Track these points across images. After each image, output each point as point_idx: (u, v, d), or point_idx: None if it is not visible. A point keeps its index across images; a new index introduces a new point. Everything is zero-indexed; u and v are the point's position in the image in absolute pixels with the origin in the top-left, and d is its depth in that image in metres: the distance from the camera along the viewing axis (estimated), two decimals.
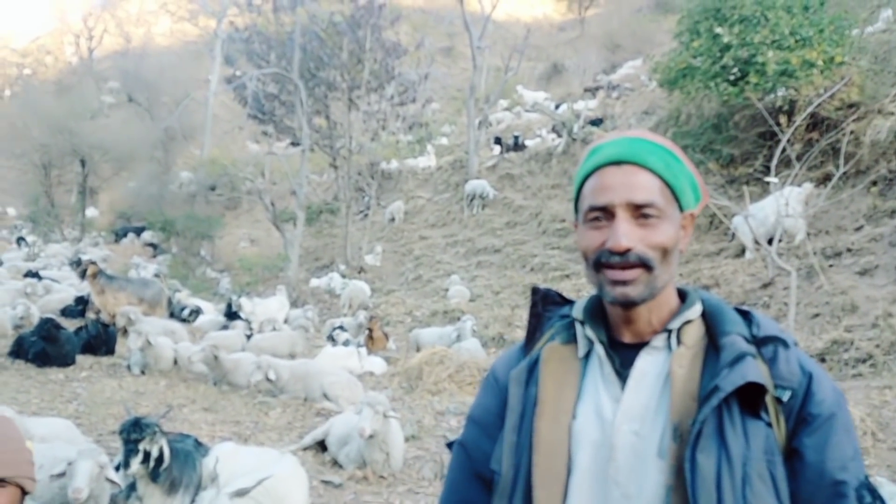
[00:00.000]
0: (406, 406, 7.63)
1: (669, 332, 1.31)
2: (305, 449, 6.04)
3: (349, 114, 20.14)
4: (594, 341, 1.35)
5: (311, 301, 17.43)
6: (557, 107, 26.24)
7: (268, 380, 8.17)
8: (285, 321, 14.17)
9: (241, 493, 4.23)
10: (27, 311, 11.73)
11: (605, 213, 1.30)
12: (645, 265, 1.27)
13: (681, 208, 1.35)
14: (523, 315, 12.62)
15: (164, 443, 4.46)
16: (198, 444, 5.01)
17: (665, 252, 1.29)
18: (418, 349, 11.89)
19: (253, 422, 7.06)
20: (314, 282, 18.85)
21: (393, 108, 22.35)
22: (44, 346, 8.97)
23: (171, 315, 13.95)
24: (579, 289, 12.94)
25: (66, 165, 30.83)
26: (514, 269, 15.45)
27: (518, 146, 21.93)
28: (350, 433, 5.82)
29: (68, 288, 16.00)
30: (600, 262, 1.30)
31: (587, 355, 1.35)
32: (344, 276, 18.30)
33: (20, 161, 31.00)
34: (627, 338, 1.34)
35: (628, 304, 1.29)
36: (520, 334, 11.81)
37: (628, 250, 1.26)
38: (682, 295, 1.39)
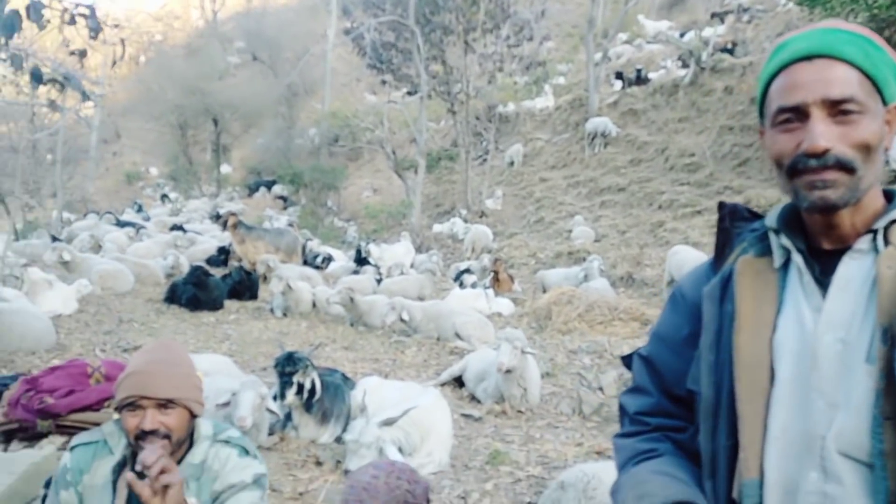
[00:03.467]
0: (537, 345, 7.65)
1: (875, 232, 1.21)
2: (443, 384, 6.20)
3: (465, 58, 19.95)
4: (791, 250, 1.26)
5: (435, 246, 17.69)
6: (682, 35, 24.85)
7: (402, 320, 8.43)
8: (411, 266, 14.51)
9: (388, 422, 4.42)
10: (177, 260, 12.65)
11: (798, 114, 1.20)
12: (845, 167, 1.17)
13: (884, 101, 1.22)
14: (652, 254, 12.33)
15: (315, 376, 4.71)
16: (345, 378, 5.26)
17: (868, 150, 1.18)
18: (544, 290, 11.85)
19: (391, 359, 7.31)
20: (436, 227, 19.11)
21: (508, 48, 21.89)
22: (195, 292, 9.64)
23: (305, 262, 14.59)
24: (711, 225, 12.39)
25: (200, 125, 32.46)
26: (640, 207, 14.99)
27: (641, 80, 21.03)
28: (487, 369, 5.92)
29: (210, 240, 17.04)
30: (796, 168, 1.20)
31: (784, 266, 1.27)
32: (465, 221, 18.43)
33: (158, 123, 32.90)
34: (827, 244, 1.25)
35: (828, 210, 1.20)
36: (650, 273, 11.56)
37: (826, 151, 1.16)
38: (889, 196, 1.27)
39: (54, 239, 14.10)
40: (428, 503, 1.88)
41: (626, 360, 1.50)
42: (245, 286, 10.76)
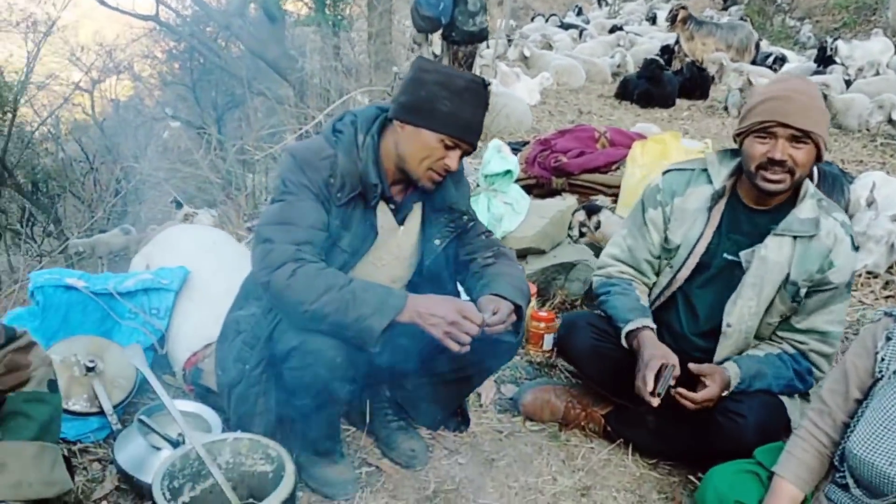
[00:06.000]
0: None
1: None
2: None
3: None
4: None
5: None
6: None
7: (890, 121, 7.20)
8: (887, 66, 12.22)
9: None
10: (623, 58, 12.59)
11: None
12: None
13: None
14: None
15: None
16: (841, 170, 4.69)
17: None
18: None
19: (879, 162, 6.36)
20: None
21: None
22: (648, 87, 9.49)
23: (754, 62, 13.31)
24: None
25: None
26: None
27: None
28: None
29: (650, 41, 16.59)
30: None
31: None
32: None
33: None
34: None
35: None
36: None
37: None
38: None
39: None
40: None
41: None
42: (696, 84, 10.22)
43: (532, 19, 22.23)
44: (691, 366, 2.09)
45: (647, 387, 2.01)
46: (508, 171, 3.31)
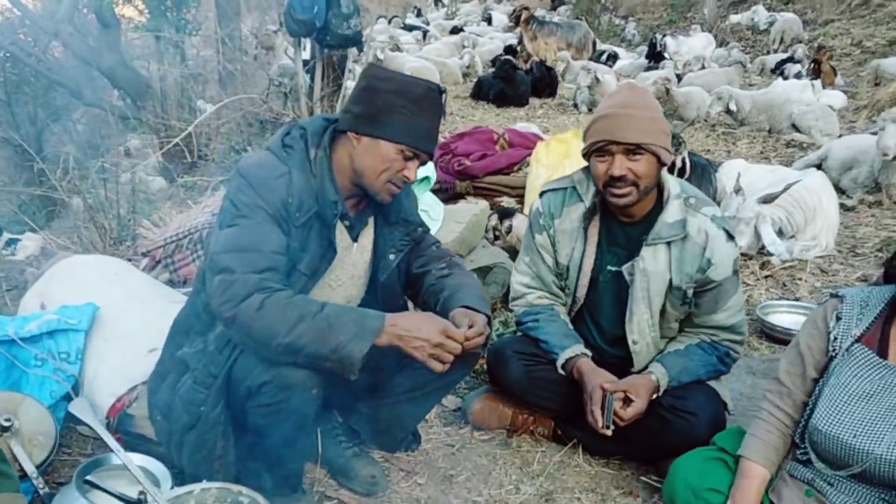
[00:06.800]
0: None
1: None
2: None
3: None
4: None
5: (731, 39, 16.03)
6: None
7: (727, 111, 7.85)
8: (711, 59, 13.35)
9: (768, 199, 4.19)
10: (472, 59, 12.87)
11: None
12: None
13: None
14: None
15: (686, 154, 4.55)
16: (707, 161, 5.04)
17: None
18: (878, 82, 10.34)
19: (724, 150, 6.94)
20: (734, 18, 17.19)
21: None
22: (502, 87, 9.76)
23: (591, 59, 14.06)
24: None
25: None
26: None
27: None
28: (856, 156, 5.34)
29: (490, 41, 17.09)
30: None
31: None
32: (770, 9, 16.33)
33: None
34: None
35: None
36: None
37: None
38: None
39: None
40: None
41: None
42: (545, 82, 10.64)
43: (376, 20, 22.24)
44: (608, 387, 2.12)
45: (598, 422, 2.09)
46: (426, 178, 3.27)
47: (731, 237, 2.17)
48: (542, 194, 2.37)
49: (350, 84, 6.46)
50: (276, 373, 1.72)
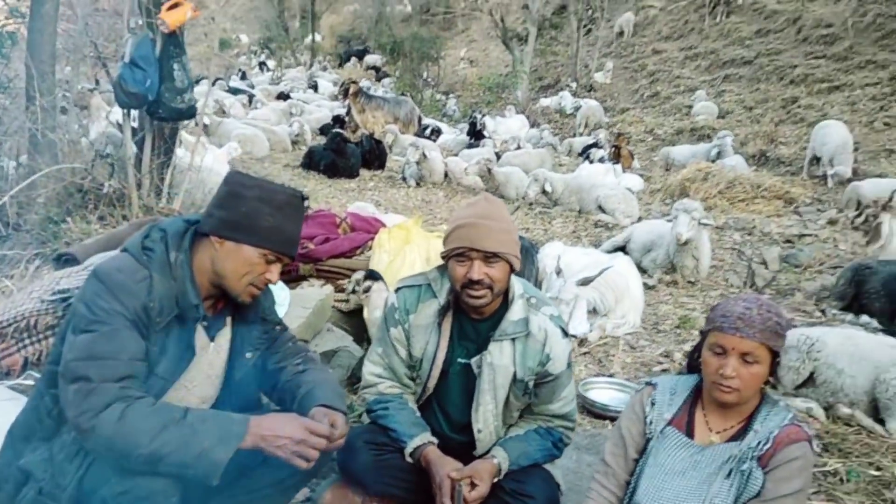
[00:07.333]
0: None
1: None
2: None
3: None
4: None
5: (541, 121, 17.44)
6: None
7: (544, 192, 8.53)
8: (525, 139, 14.40)
9: (585, 281, 4.61)
10: (302, 127, 12.95)
11: None
12: None
13: None
14: (787, 131, 11.87)
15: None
16: (530, 243, 5.44)
17: None
18: (668, 167, 11.70)
19: (542, 229, 7.48)
20: (544, 101, 18.74)
21: None
22: (333, 159, 9.92)
23: (417, 134, 14.67)
24: (853, 102, 11.78)
25: None
26: (769, 82, 14.26)
27: None
28: (655, 240, 6.01)
29: (317, 108, 17.28)
30: None
31: None
32: (575, 95, 18.00)
33: None
34: None
35: None
36: (785, 151, 11.17)
37: None
38: None
39: None
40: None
41: None
42: (375, 155, 10.97)
43: (197, 82, 21.71)
44: (455, 475, 2.23)
45: None
46: None
47: (566, 334, 2.40)
48: (397, 290, 2.50)
49: (181, 153, 6.32)
50: (133, 483, 1.67)
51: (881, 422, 3.35)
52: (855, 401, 3.46)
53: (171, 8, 4.80)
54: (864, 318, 4.84)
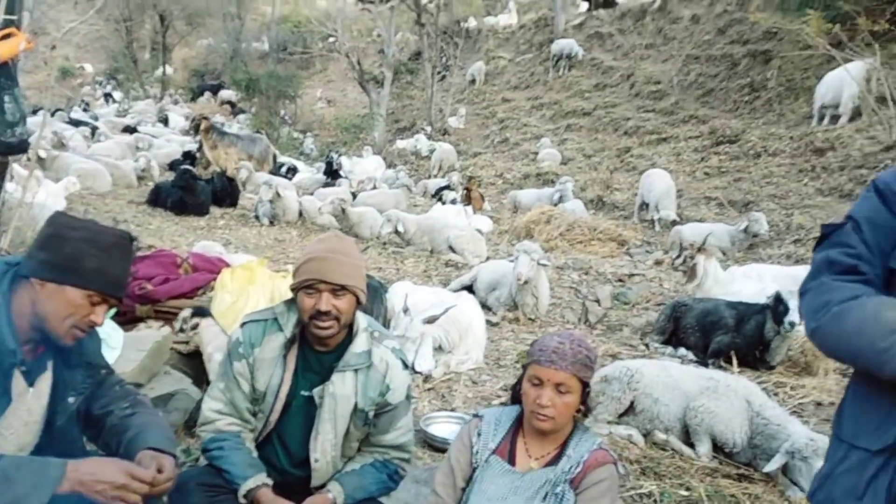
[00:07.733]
0: None
1: None
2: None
3: None
4: None
5: (398, 162, 17.79)
6: None
7: (396, 232, 8.71)
8: (381, 180, 14.61)
9: (431, 320, 4.78)
10: (149, 163, 12.44)
11: None
12: None
13: None
14: (621, 179, 12.83)
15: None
16: (380, 282, 5.55)
17: None
18: (516, 210, 12.31)
19: (394, 269, 7.62)
20: (400, 143, 19.13)
21: None
22: (182, 196, 9.62)
23: (272, 172, 14.50)
24: (678, 153, 12.95)
25: (142, 21, 30.89)
26: (606, 132, 15.41)
27: (608, 3, 21.12)
28: (499, 279, 6.31)
29: (167, 143, 16.65)
30: None
31: None
32: (430, 138, 18.52)
33: (100, 15, 31.01)
34: None
35: None
36: (619, 197, 12.05)
37: None
38: None
39: None
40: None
41: (829, 228, 1.66)
42: (226, 192, 10.74)
43: (34, 112, 20.33)
44: None
45: None
46: None
47: (406, 366, 2.51)
48: (243, 325, 2.51)
49: (11, 188, 5.92)
50: None
51: (692, 446, 3.70)
52: (669, 427, 3.80)
53: (2, 38, 4.56)
54: (682, 350, 5.34)
